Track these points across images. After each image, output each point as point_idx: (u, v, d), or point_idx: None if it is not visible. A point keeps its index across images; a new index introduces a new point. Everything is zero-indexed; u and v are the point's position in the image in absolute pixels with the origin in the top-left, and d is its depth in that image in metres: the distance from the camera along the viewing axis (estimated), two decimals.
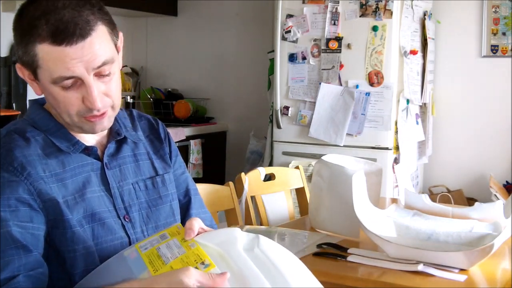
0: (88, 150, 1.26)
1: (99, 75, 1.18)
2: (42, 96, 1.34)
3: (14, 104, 3.45)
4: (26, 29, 1.15)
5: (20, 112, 3.21)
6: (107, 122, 1.24)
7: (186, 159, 3.79)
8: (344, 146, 3.26)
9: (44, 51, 1.14)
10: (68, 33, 1.12)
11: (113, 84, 1.21)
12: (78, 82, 1.16)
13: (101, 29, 1.17)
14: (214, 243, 1.07)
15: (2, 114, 3.02)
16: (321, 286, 1.12)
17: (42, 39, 1.13)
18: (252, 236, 1.11)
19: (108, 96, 1.20)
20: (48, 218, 1.16)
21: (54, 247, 1.18)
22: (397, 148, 3.25)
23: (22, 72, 1.22)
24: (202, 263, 1.02)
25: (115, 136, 1.32)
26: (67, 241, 1.17)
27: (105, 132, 1.32)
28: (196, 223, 1.12)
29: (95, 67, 1.16)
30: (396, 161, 3.26)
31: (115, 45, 1.21)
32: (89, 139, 1.29)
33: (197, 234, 1.11)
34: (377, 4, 3.18)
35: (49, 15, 1.13)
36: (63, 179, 1.20)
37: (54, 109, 1.23)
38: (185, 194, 1.46)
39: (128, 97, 4.22)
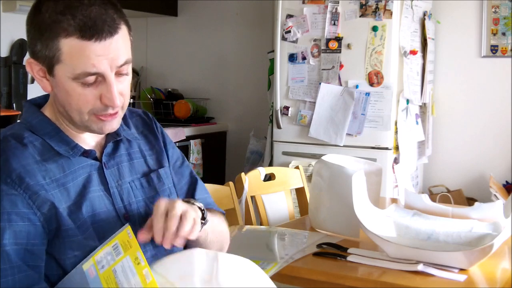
0: (87, 153, 1.26)
1: (118, 74, 1.19)
2: (38, 95, 1.34)
3: (14, 104, 3.45)
4: (49, 24, 1.14)
5: (20, 112, 3.21)
6: (116, 123, 1.25)
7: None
8: (344, 146, 3.26)
9: (70, 45, 1.13)
10: (97, 29, 1.13)
11: (126, 84, 1.23)
12: (98, 79, 1.17)
13: (123, 29, 1.18)
14: (171, 276, 1.03)
15: (2, 114, 3.02)
16: None
17: (68, 33, 1.13)
18: (210, 263, 1.04)
19: (122, 95, 1.21)
20: (49, 228, 1.16)
21: (54, 257, 1.17)
22: (397, 148, 3.25)
23: (31, 67, 1.20)
24: None
25: (114, 136, 1.32)
26: (66, 249, 1.17)
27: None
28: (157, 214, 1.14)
29: (118, 65, 1.17)
30: (396, 161, 3.26)
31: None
32: (88, 141, 1.29)
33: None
34: (377, 4, 3.18)
35: (75, 11, 1.13)
36: (64, 184, 1.20)
37: (61, 107, 1.22)
38: (190, 182, 1.46)
39: (127, 106, 4.22)
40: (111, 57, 1.15)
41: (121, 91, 1.20)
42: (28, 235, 1.13)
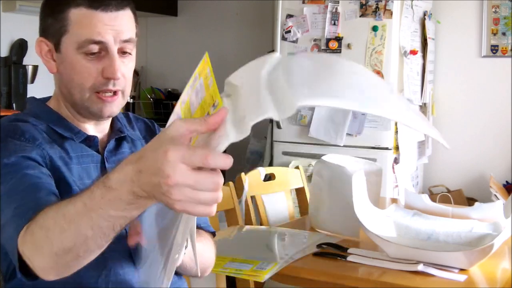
0: (90, 141, 1.27)
1: (121, 51, 1.23)
2: (38, 95, 1.35)
3: (14, 104, 3.45)
4: (61, 0, 1.21)
5: (19, 112, 3.21)
6: (116, 107, 1.27)
7: None
8: (344, 146, 3.26)
9: (78, 14, 1.19)
10: (105, 1, 1.20)
11: (129, 67, 1.26)
12: (102, 53, 1.21)
13: (129, 11, 1.25)
14: (240, 71, 0.99)
15: (2, 114, 3.02)
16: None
17: (77, 4, 1.19)
18: (286, 58, 0.94)
19: (124, 77, 1.24)
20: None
21: None
22: (397, 148, 3.25)
23: (41, 47, 1.25)
24: (213, 105, 0.92)
25: (117, 133, 1.33)
26: None
27: (107, 129, 1.34)
28: None
29: (123, 39, 1.22)
30: (396, 161, 3.26)
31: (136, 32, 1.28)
32: (92, 133, 1.30)
33: None
34: (377, 4, 3.18)
35: None
36: (67, 164, 1.21)
37: (64, 88, 1.25)
38: None
39: (128, 97, 4.22)
40: (116, 29, 1.20)
41: (123, 72, 1.23)
42: (43, 172, 1.13)
